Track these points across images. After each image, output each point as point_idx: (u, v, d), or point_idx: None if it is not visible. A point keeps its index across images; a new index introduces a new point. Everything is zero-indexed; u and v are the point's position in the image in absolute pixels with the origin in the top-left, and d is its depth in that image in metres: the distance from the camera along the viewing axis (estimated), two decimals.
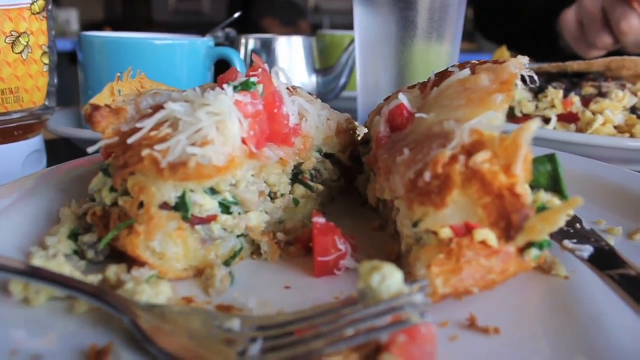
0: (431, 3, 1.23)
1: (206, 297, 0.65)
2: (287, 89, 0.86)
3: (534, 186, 0.68)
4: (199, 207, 0.68)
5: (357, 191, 0.95)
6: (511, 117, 1.37)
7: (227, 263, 0.71)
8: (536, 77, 0.74)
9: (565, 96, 1.34)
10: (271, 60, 1.53)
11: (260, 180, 0.75)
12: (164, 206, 0.65)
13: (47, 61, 1.12)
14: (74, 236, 0.72)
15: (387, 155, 0.72)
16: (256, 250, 0.75)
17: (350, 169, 0.94)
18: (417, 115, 0.71)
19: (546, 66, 1.41)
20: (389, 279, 0.53)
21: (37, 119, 1.13)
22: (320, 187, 0.83)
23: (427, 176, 0.60)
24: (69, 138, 1.27)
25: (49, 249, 0.67)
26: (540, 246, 0.62)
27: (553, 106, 1.32)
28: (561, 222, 0.58)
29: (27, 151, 1.11)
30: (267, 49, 1.53)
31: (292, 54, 1.55)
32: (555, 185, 0.66)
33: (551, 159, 0.66)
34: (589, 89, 1.36)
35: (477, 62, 0.79)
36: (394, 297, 0.52)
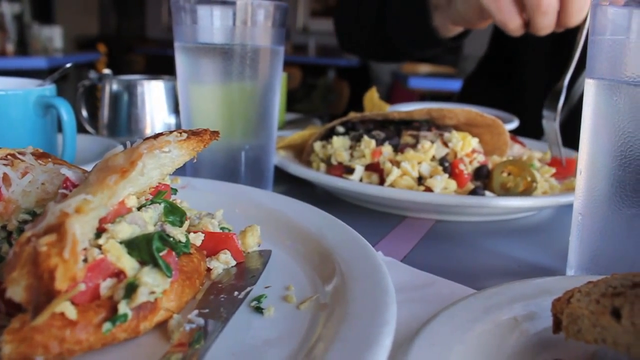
0: (241, 53, 1.30)
1: None
2: (12, 155, 0.96)
3: (143, 263, 0.74)
4: None
5: None
6: (329, 164, 1.42)
7: None
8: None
9: (383, 145, 1.37)
10: (133, 102, 1.64)
11: None
12: None
13: None
14: None
15: None
16: None
17: None
18: (61, 190, 0.79)
19: (369, 114, 1.44)
20: None
21: None
22: None
23: (11, 253, 0.68)
24: None
25: None
26: (113, 321, 0.69)
27: (364, 155, 1.36)
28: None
29: None
30: (129, 91, 1.64)
31: (152, 97, 1.65)
32: (155, 263, 0.73)
33: (147, 240, 0.73)
34: (407, 138, 1.39)
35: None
36: None
